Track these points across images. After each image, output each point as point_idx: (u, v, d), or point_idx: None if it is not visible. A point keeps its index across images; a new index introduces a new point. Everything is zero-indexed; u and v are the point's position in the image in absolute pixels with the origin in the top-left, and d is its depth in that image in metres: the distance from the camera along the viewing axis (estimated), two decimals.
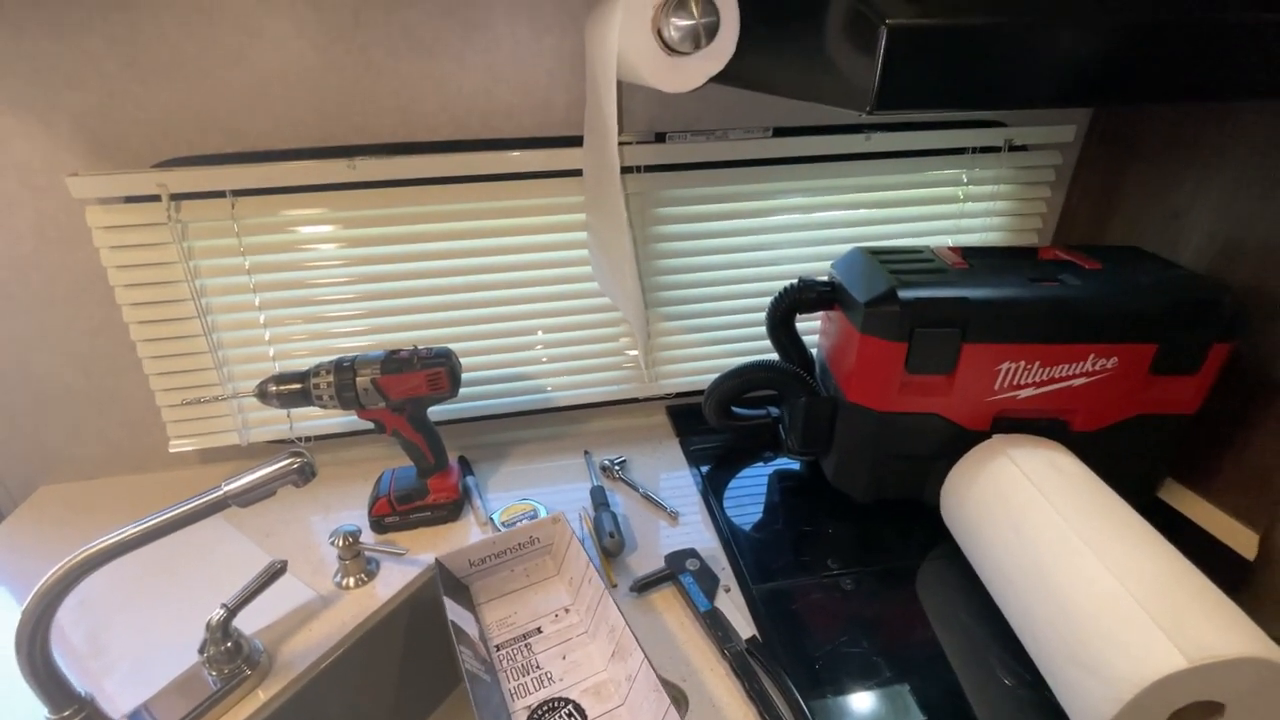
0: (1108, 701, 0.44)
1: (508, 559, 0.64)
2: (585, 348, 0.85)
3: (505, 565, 0.64)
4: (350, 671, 0.60)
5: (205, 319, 0.72)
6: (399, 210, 0.72)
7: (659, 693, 0.48)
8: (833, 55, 0.38)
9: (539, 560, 0.66)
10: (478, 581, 0.64)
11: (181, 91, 0.64)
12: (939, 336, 0.63)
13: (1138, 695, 0.43)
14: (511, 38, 0.68)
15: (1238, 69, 0.38)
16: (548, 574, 0.65)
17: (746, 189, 0.79)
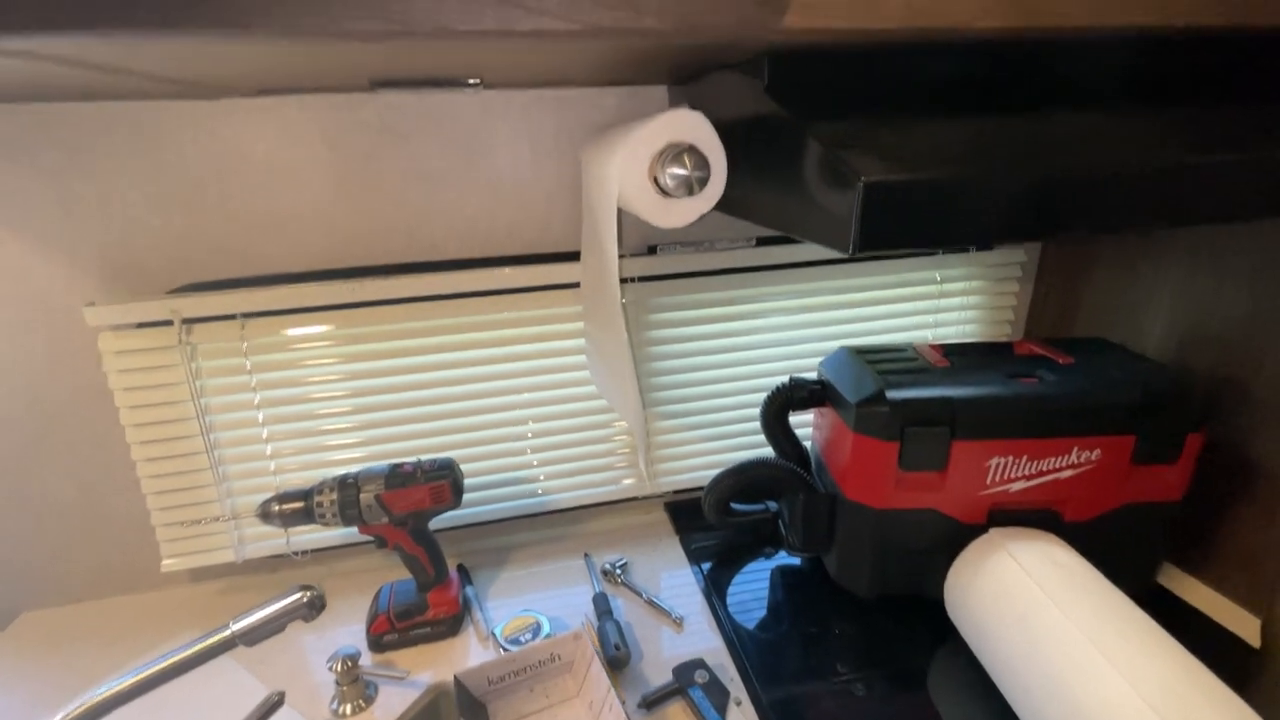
0: None
1: (527, 677, 0.62)
2: (583, 449, 0.86)
3: (524, 684, 0.63)
4: None
5: (208, 437, 0.72)
6: (402, 326, 0.74)
7: None
8: (815, 202, 0.42)
9: (559, 680, 0.64)
10: (495, 701, 0.62)
11: (200, 224, 0.68)
12: (929, 435, 0.65)
13: None
14: (513, 165, 0.74)
15: (1168, 204, 0.43)
16: (568, 695, 0.63)
17: (735, 294, 0.84)
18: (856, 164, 0.39)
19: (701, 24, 0.37)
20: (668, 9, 0.36)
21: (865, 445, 0.67)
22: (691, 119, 0.47)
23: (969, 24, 0.41)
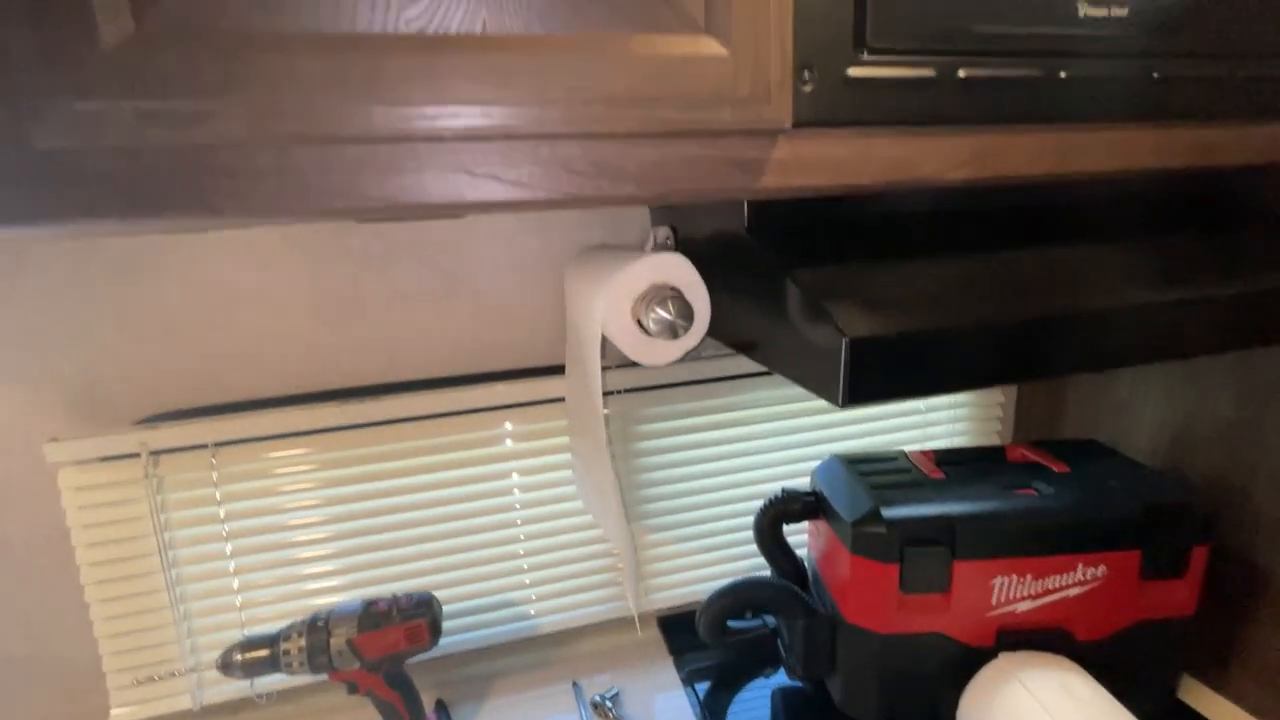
0: None
1: None
2: (571, 567, 0.82)
3: None
4: None
5: (170, 574, 0.68)
6: (383, 448, 0.72)
7: None
8: (802, 351, 0.42)
9: None
10: None
11: (173, 352, 0.67)
12: (929, 555, 0.63)
13: None
14: (497, 285, 0.74)
15: (1157, 341, 0.43)
16: None
17: (723, 401, 0.83)
18: (841, 318, 0.38)
19: (681, 191, 0.37)
20: (648, 178, 0.37)
21: (864, 567, 0.64)
22: (674, 262, 0.47)
23: (940, 176, 0.42)
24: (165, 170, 0.30)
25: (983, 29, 0.40)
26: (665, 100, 0.34)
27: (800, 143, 0.39)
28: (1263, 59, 0.47)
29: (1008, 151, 0.43)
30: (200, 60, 0.28)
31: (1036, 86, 0.42)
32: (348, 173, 0.32)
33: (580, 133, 0.34)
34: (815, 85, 0.38)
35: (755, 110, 0.36)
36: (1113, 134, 0.45)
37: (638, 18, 0.33)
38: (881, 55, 0.39)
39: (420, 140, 0.33)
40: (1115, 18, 0.42)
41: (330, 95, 0.30)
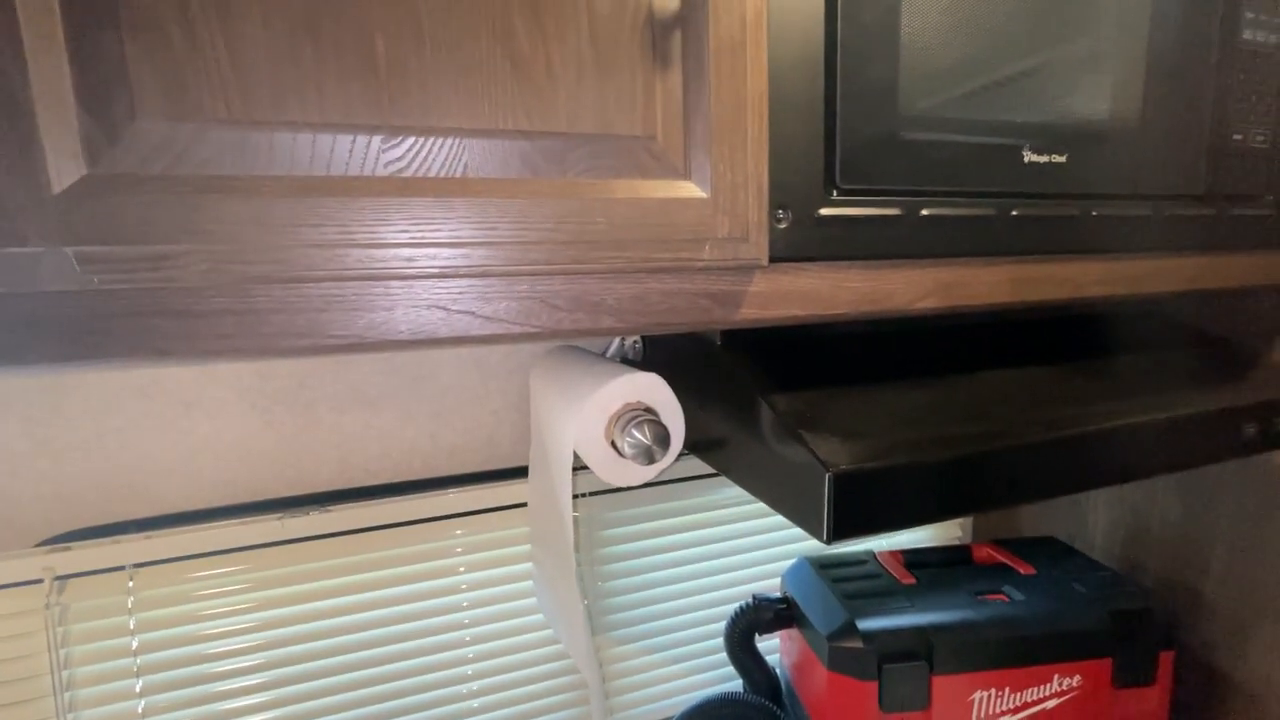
0: None
1: None
2: (532, 687, 0.76)
3: None
4: None
5: (65, 717, 0.59)
6: (326, 563, 0.66)
7: None
8: (785, 483, 0.41)
9: None
10: None
11: (95, 464, 0.61)
12: (908, 671, 0.61)
13: None
14: (459, 385, 0.71)
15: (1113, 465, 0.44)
16: None
17: (690, 502, 0.81)
18: (821, 450, 0.38)
19: (660, 324, 0.37)
20: (626, 311, 0.36)
21: (841, 684, 0.62)
22: (650, 382, 0.46)
23: (909, 306, 0.43)
24: (107, 314, 0.27)
25: (940, 173, 0.42)
26: (646, 240, 0.34)
27: (776, 277, 0.39)
28: (1182, 200, 0.51)
29: (969, 283, 0.45)
30: (157, 205, 0.26)
31: (993, 224, 0.44)
32: (313, 311, 0.31)
33: (560, 270, 0.34)
34: (790, 224, 0.39)
35: (734, 249, 0.36)
36: (1061, 266, 0.48)
37: (619, 164, 0.34)
38: (851, 196, 0.40)
39: (394, 279, 0.31)
40: (1055, 164, 0.46)
41: (300, 237, 0.29)
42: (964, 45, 0.42)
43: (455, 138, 0.31)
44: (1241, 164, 0.53)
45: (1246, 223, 0.54)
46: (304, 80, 0.29)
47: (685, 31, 0.34)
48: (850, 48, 0.38)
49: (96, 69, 0.26)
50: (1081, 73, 0.46)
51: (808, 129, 0.38)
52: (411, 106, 0.30)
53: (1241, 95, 0.52)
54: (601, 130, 0.33)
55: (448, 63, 0.31)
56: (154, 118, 0.27)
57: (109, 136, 0.26)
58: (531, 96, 0.32)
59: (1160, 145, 0.50)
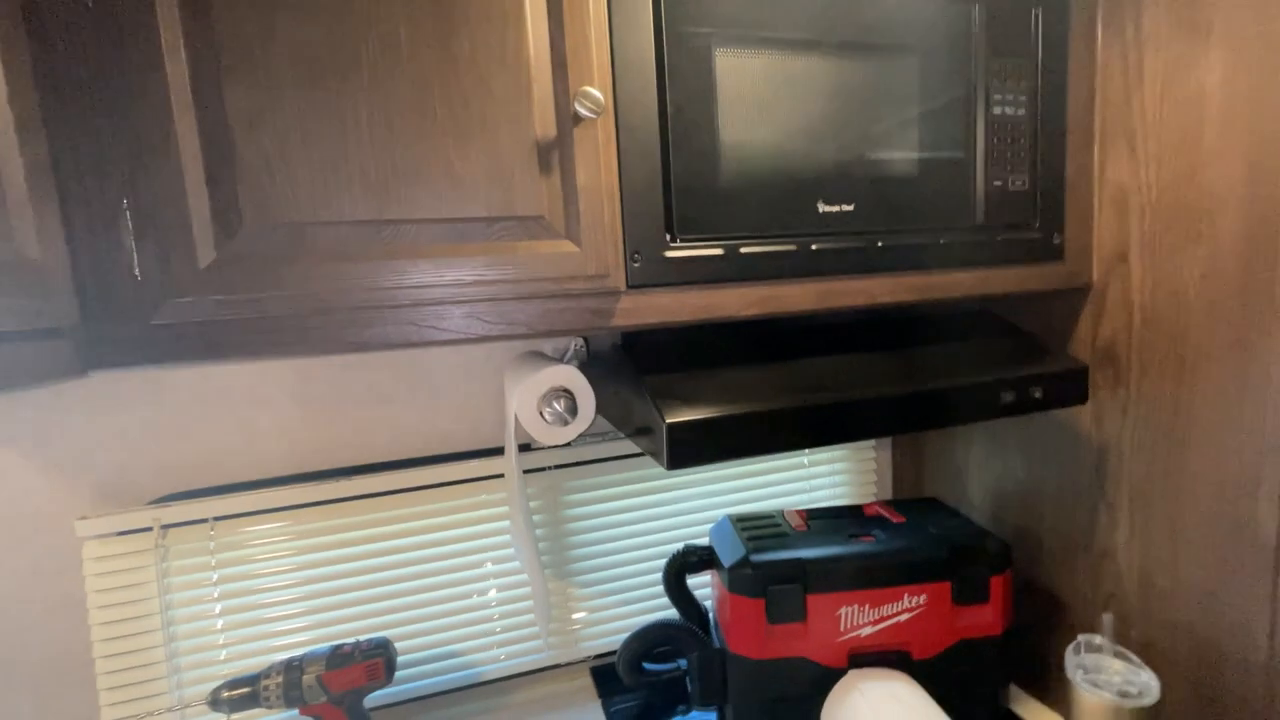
0: None
1: None
2: (509, 620, 0.96)
3: None
4: None
5: (167, 631, 0.81)
6: (351, 519, 0.88)
7: None
8: (646, 429, 0.61)
9: None
10: None
11: (186, 446, 0.83)
12: (786, 591, 0.80)
13: None
14: (449, 384, 0.93)
15: (888, 420, 0.64)
16: None
17: (639, 474, 1.01)
18: (664, 410, 0.58)
19: (558, 330, 0.58)
20: (535, 322, 0.57)
21: (739, 603, 0.81)
22: (568, 371, 0.67)
23: (738, 313, 0.63)
24: (227, 333, 0.49)
25: (753, 222, 0.63)
26: (541, 279, 0.55)
27: (636, 297, 0.60)
28: (961, 230, 0.71)
29: (783, 296, 0.65)
30: (255, 271, 0.48)
31: (796, 255, 0.64)
32: (339, 328, 0.52)
33: (488, 299, 0.55)
34: (642, 263, 0.59)
35: (600, 282, 0.57)
36: (857, 282, 0.67)
37: (522, 232, 0.55)
38: (686, 242, 0.61)
39: (386, 307, 0.53)
40: (845, 211, 0.66)
41: (332, 285, 0.50)
42: (766, 133, 0.62)
43: (418, 224, 0.52)
44: (1010, 200, 0.72)
45: (1018, 244, 0.73)
46: (334, 197, 0.50)
47: (560, 149, 0.55)
48: (678, 145, 0.59)
49: (223, 199, 0.48)
50: (865, 145, 0.66)
51: (650, 200, 0.59)
52: (393, 207, 0.52)
53: (1000, 151, 0.71)
54: (509, 214, 0.54)
55: (413, 182, 0.52)
56: (251, 223, 0.49)
57: (228, 235, 0.48)
58: (464, 196, 0.53)
59: (937, 191, 0.69)
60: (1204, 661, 0.69)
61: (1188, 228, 0.67)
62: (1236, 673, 0.66)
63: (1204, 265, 0.66)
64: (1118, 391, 0.76)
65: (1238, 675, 0.66)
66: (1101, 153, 0.74)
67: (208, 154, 0.48)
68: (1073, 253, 0.75)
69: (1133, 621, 0.76)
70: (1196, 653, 0.70)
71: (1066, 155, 0.73)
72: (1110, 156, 0.73)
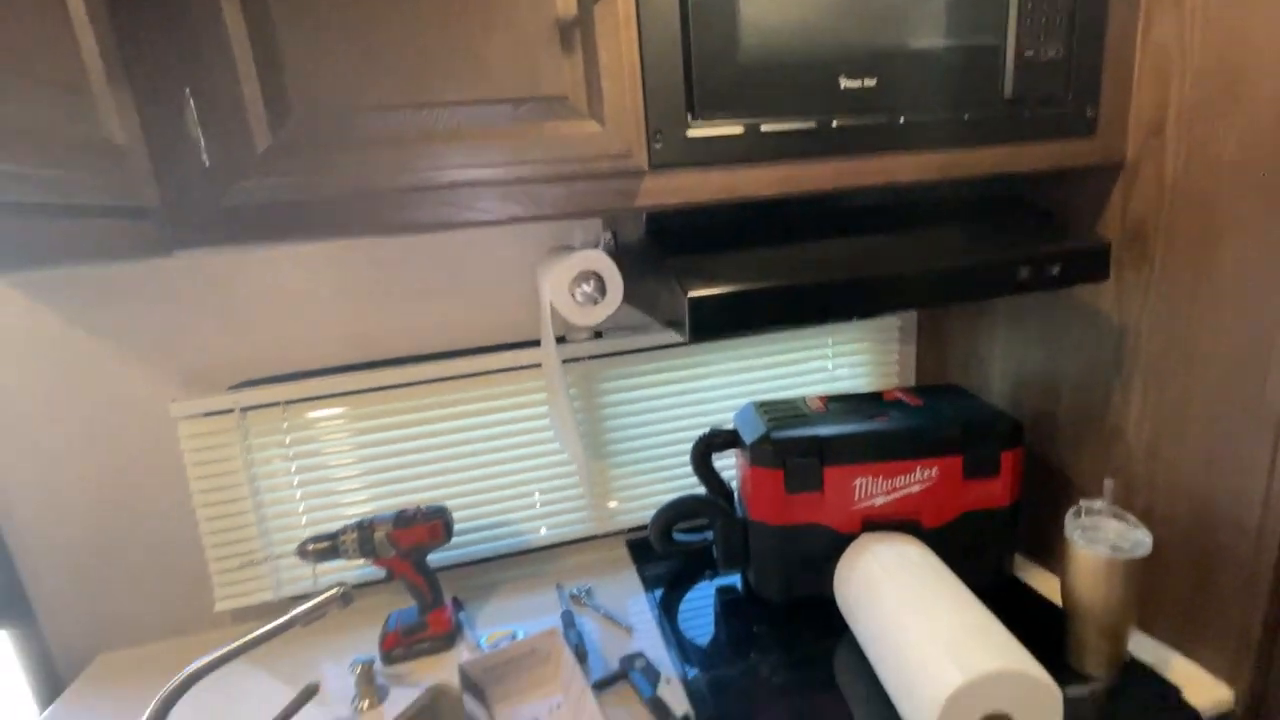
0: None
1: (514, 666, 0.80)
2: (553, 494, 1.06)
3: (512, 671, 0.80)
4: None
5: (255, 498, 0.93)
6: (405, 404, 0.97)
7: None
8: (670, 305, 0.66)
9: (539, 669, 0.82)
10: (491, 685, 0.79)
11: (255, 339, 0.92)
12: (804, 464, 0.86)
13: (941, 712, 0.60)
14: (486, 280, 0.98)
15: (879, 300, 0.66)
16: (547, 677, 0.81)
17: (669, 364, 1.06)
18: (686, 285, 0.62)
19: (584, 211, 0.61)
20: (561, 204, 0.61)
21: (759, 474, 0.88)
22: (595, 255, 0.71)
23: (758, 192, 0.66)
24: (288, 214, 0.54)
25: (773, 100, 0.63)
26: (566, 159, 0.58)
27: (659, 178, 0.62)
28: (989, 105, 0.70)
29: (802, 176, 0.66)
30: (308, 157, 0.53)
31: (817, 133, 0.65)
32: (386, 210, 0.57)
33: (517, 179, 0.58)
34: (664, 144, 0.61)
35: (624, 162, 0.59)
36: (877, 161, 0.68)
37: (547, 114, 0.57)
38: (707, 122, 0.62)
39: (426, 190, 0.57)
40: (866, 87, 0.66)
41: (378, 170, 0.55)
42: (787, 5, 0.62)
43: (450, 107, 0.55)
44: (1042, 72, 0.71)
45: (1048, 118, 0.72)
46: (372, 84, 0.54)
47: (581, 28, 0.56)
48: (698, 20, 0.60)
49: (272, 87, 0.52)
50: (889, 14, 0.65)
51: (671, 79, 0.60)
52: (426, 92, 0.55)
53: (1034, 17, 0.68)
54: (534, 94, 0.57)
55: (443, 66, 0.55)
56: (300, 110, 0.53)
57: (280, 122, 0.52)
58: (491, 79, 0.56)
59: (964, 63, 0.68)
60: (1200, 524, 0.73)
61: (1228, 92, 0.64)
62: (1230, 534, 0.70)
63: (1241, 132, 0.64)
64: (1142, 271, 0.76)
65: (1231, 536, 0.70)
66: (1147, 10, 0.70)
67: (256, 45, 0.51)
68: (1106, 127, 0.73)
69: (1136, 490, 0.80)
70: (1194, 516, 0.74)
71: (1108, 15, 0.69)
72: (1156, 14, 0.70)
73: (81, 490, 0.90)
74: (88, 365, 0.88)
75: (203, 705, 0.82)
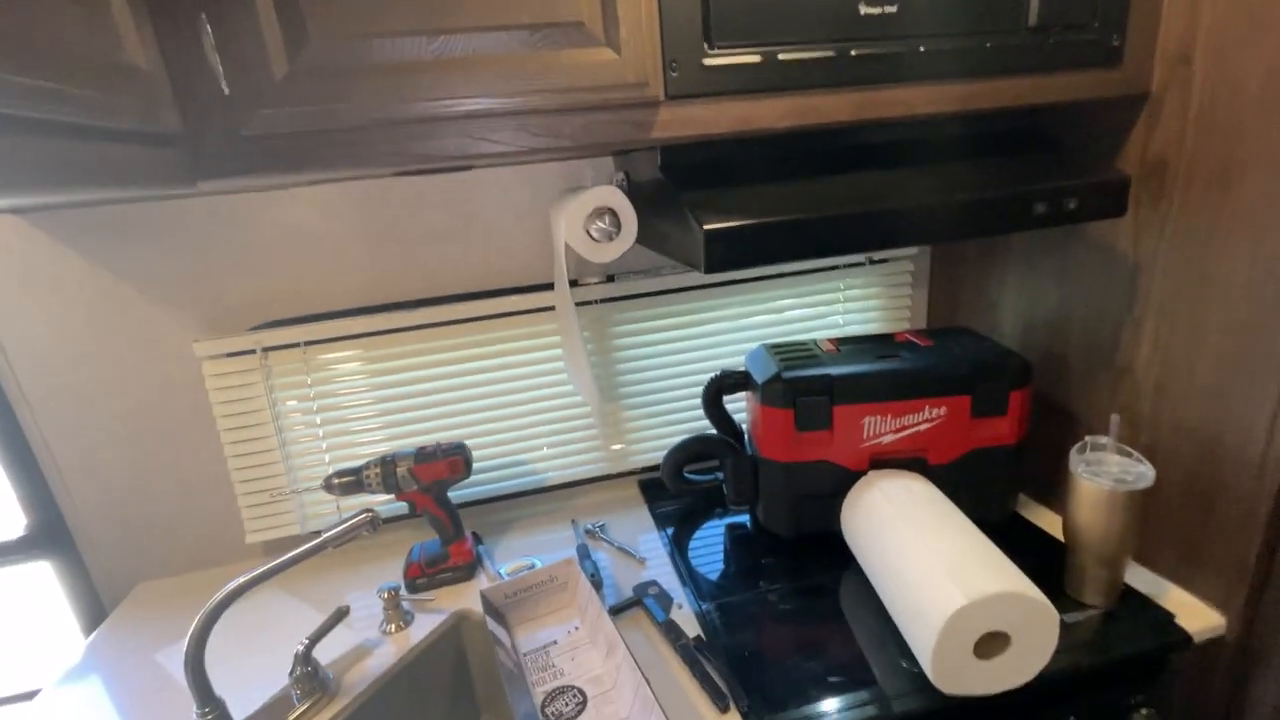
0: (927, 640, 0.64)
1: (533, 593, 0.84)
2: (567, 435, 1.09)
3: (532, 598, 0.84)
4: (396, 693, 0.79)
5: (280, 436, 0.96)
6: (422, 345, 0.99)
7: (636, 672, 0.67)
8: (685, 241, 0.66)
9: (556, 595, 0.86)
10: (511, 611, 0.84)
11: (274, 280, 0.93)
12: (814, 403, 0.87)
13: (942, 631, 0.63)
14: (500, 223, 0.98)
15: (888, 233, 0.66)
16: (564, 603, 0.85)
17: (680, 307, 1.07)
18: (702, 219, 0.62)
19: (601, 143, 0.61)
20: (578, 135, 0.60)
21: (770, 413, 0.89)
22: (609, 191, 0.71)
23: (772, 126, 0.65)
24: (307, 144, 0.55)
25: (791, 27, 0.62)
26: (583, 88, 0.58)
27: (674, 109, 0.62)
28: (1013, 32, 0.68)
29: (819, 107, 0.65)
30: (326, 84, 0.53)
31: (835, 62, 0.64)
32: (403, 140, 0.57)
33: (533, 110, 0.58)
34: (680, 73, 0.61)
35: (639, 91, 0.59)
36: (895, 92, 0.67)
37: (563, 41, 0.57)
38: (724, 50, 0.61)
39: (441, 120, 0.57)
40: (887, 13, 0.64)
41: (396, 98, 0.55)
42: None
43: (466, 33, 0.55)
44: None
45: (1073, 47, 0.70)
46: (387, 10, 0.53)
47: None
48: None
49: (289, 12, 0.52)
50: None
51: (688, 4, 0.59)
52: (442, 17, 0.54)
53: None
54: (550, 20, 0.56)
55: None
56: (317, 36, 0.53)
57: (297, 48, 0.52)
58: (505, 4, 0.55)
59: None
60: (1203, 457, 0.74)
61: (1259, 15, 0.63)
62: (1232, 466, 0.72)
63: (1270, 59, 0.63)
64: (1159, 207, 0.75)
65: (1233, 469, 0.72)
66: None
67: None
68: (1133, 56, 0.72)
69: (1142, 428, 0.82)
70: (1197, 451, 0.75)
71: None
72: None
73: (114, 428, 0.94)
74: (114, 306, 0.89)
75: (240, 625, 0.87)
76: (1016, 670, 0.66)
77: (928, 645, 0.64)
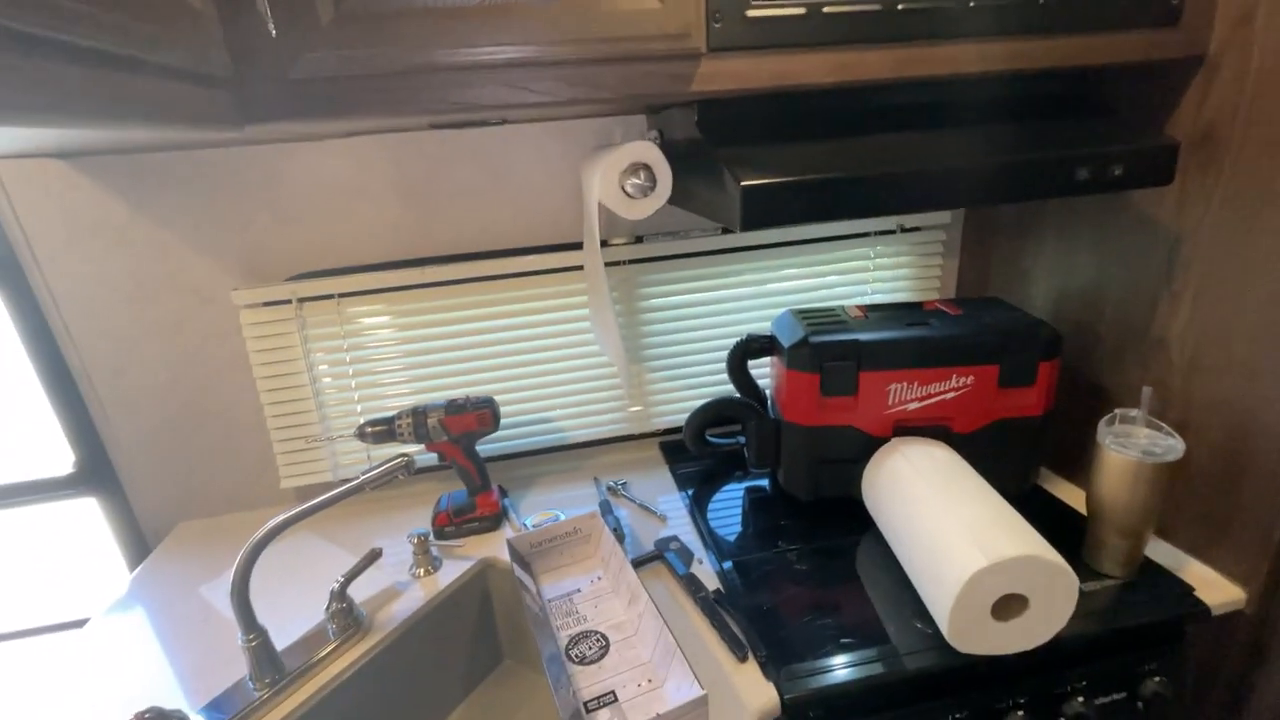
0: (946, 598, 0.65)
1: (558, 544, 0.87)
2: (592, 394, 1.10)
3: (556, 548, 0.87)
4: (424, 633, 0.82)
5: (314, 385, 0.99)
6: (454, 300, 1.00)
7: (658, 620, 0.69)
8: (720, 198, 0.66)
9: (581, 546, 0.89)
10: (536, 560, 0.86)
11: (308, 232, 0.95)
12: (840, 368, 0.87)
13: (961, 590, 0.64)
14: (530, 179, 0.98)
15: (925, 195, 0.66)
16: (587, 555, 0.88)
17: (708, 271, 1.07)
18: (740, 175, 0.62)
19: (639, 95, 0.61)
20: (617, 86, 0.60)
21: (795, 377, 0.90)
22: (644, 146, 0.71)
23: (814, 81, 0.64)
24: (353, 88, 0.55)
25: None
26: (624, 38, 0.57)
27: (715, 61, 0.61)
28: None
29: (861, 63, 0.64)
30: (370, 28, 0.53)
31: (880, 15, 0.63)
32: (445, 88, 0.57)
33: (574, 59, 0.58)
34: (723, 24, 0.60)
35: (680, 42, 0.58)
36: (940, 49, 0.65)
37: None
38: (768, 1, 0.60)
39: (483, 68, 0.57)
40: None
41: (437, 44, 0.55)
42: None
43: None
44: None
45: (1128, 5, 0.68)
46: None
47: None
48: None
49: None
50: None
51: None
52: None
53: None
54: None
55: None
56: None
57: None
58: None
59: None
60: (1234, 432, 0.74)
61: None
62: (1264, 440, 0.71)
63: None
64: (1208, 175, 0.73)
65: (1264, 443, 0.71)
66: None
67: None
68: (1192, 14, 0.69)
69: (1171, 403, 0.81)
70: (1228, 425, 0.74)
71: None
72: None
73: (155, 372, 0.97)
74: (155, 253, 0.92)
75: (277, 566, 0.91)
76: (1032, 633, 0.67)
77: (946, 603, 0.65)
